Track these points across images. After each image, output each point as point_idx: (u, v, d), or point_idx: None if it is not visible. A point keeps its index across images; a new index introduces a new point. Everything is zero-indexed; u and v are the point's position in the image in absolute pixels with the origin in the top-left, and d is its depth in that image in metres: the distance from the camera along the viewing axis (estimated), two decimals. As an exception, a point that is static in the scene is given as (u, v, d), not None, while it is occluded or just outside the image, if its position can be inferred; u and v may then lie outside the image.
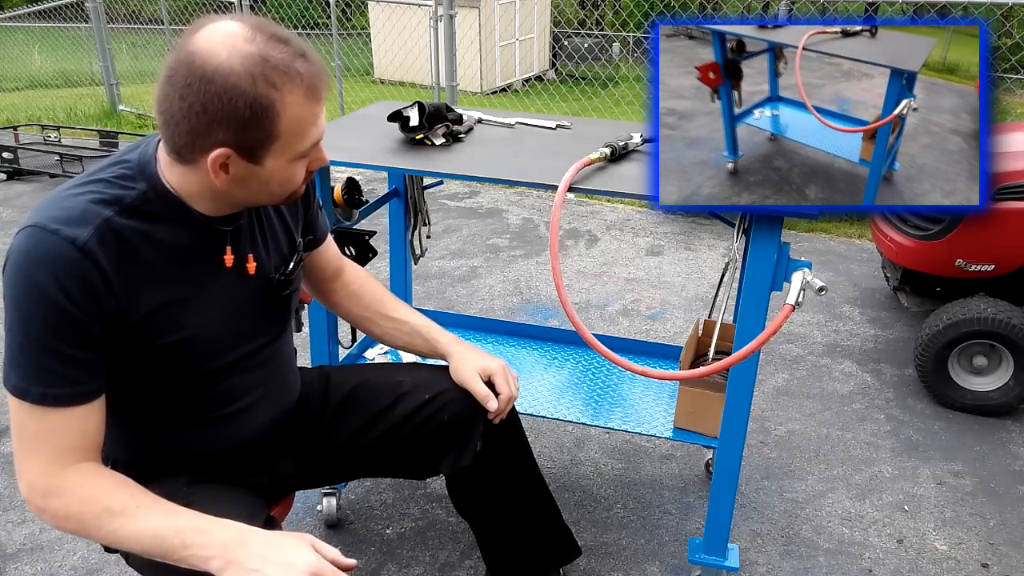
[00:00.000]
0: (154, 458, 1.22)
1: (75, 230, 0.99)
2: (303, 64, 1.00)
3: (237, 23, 0.99)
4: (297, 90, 1.00)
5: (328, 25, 8.04)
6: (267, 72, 0.97)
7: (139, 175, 1.06)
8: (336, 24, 6.86)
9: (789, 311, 1.30)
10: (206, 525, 1.03)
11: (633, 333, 3.12)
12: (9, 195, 4.74)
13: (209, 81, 0.95)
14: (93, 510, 1.03)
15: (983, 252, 2.52)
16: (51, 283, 0.97)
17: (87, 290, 0.99)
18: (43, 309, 0.98)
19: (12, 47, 11.26)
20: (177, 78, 0.97)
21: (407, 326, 1.49)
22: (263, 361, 1.27)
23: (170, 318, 1.09)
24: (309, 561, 1.01)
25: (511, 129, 1.92)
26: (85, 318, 1.00)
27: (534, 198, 4.82)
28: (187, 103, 0.96)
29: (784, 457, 2.37)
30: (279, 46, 0.99)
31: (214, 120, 0.97)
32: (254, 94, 0.97)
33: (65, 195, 1.03)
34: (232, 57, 0.96)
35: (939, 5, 4.56)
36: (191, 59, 0.96)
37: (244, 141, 1.00)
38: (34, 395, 1.00)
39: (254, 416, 1.28)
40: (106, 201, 1.02)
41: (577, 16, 15.24)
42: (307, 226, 1.37)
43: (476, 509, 1.60)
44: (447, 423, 1.41)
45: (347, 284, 1.52)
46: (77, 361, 1.02)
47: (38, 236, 0.98)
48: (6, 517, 2.04)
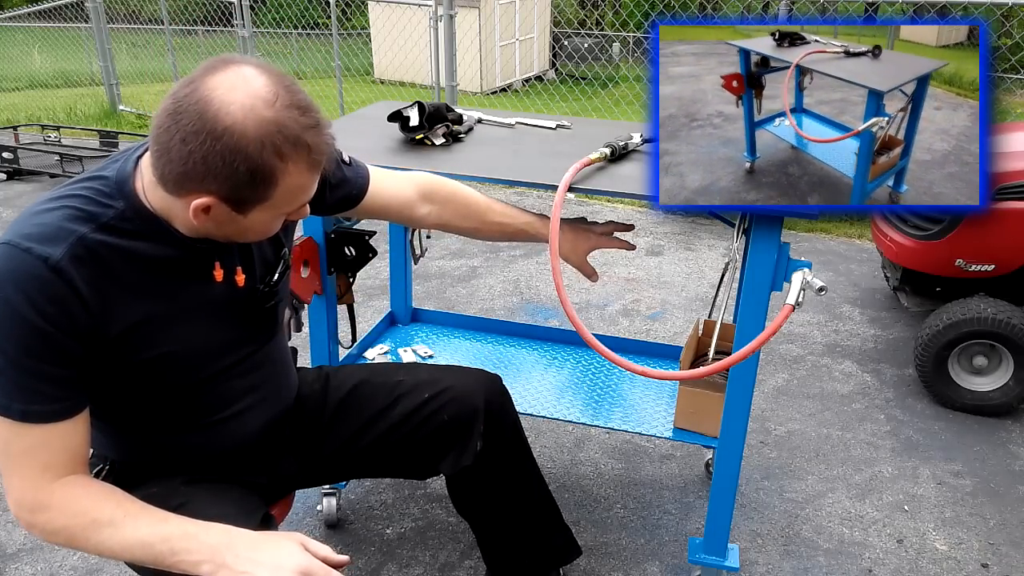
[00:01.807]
0: (150, 460, 1.22)
1: (48, 248, 0.96)
2: (314, 136, 0.98)
3: (263, 79, 0.96)
4: (302, 163, 0.98)
5: (328, 25, 8.05)
6: (277, 142, 0.95)
7: (117, 193, 1.03)
8: (336, 24, 6.86)
9: (789, 311, 1.30)
10: (193, 530, 1.03)
11: (633, 333, 3.12)
12: (9, 195, 4.74)
13: (217, 138, 0.93)
14: (81, 523, 1.02)
15: (983, 252, 2.52)
16: (23, 302, 0.95)
17: (61, 309, 0.97)
18: (17, 328, 0.96)
19: (12, 47, 11.27)
20: (184, 120, 0.93)
21: (510, 227, 1.55)
22: (253, 366, 1.26)
23: (151, 333, 1.08)
24: (298, 561, 1.01)
25: (511, 129, 1.92)
26: (60, 335, 0.98)
27: (534, 198, 4.83)
28: (188, 148, 0.93)
29: (784, 457, 2.37)
30: (295, 114, 0.96)
31: (210, 174, 0.95)
32: (259, 161, 0.95)
33: (39, 211, 1.01)
34: (247, 120, 0.93)
35: (939, 5, 4.55)
36: (204, 107, 0.93)
37: (234, 197, 0.99)
38: (15, 412, 0.99)
39: (247, 420, 1.28)
40: (81, 218, 1.00)
41: (577, 16, 15.24)
42: (336, 192, 1.36)
43: (476, 509, 1.60)
44: (447, 423, 1.41)
45: (434, 204, 1.51)
46: (55, 378, 1.00)
47: (10, 254, 0.96)
48: (6, 517, 2.04)
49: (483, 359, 2.13)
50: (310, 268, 1.72)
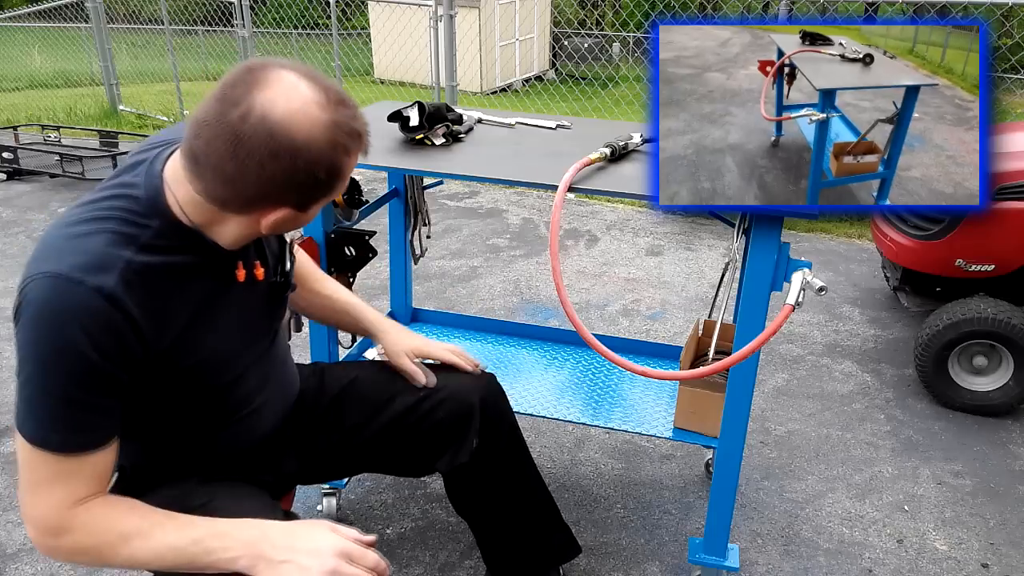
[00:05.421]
0: (165, 464, 1.22)
1: (100, 278, 0.95)
2: (361, 123, 1.01)
3: (305, 82, 0.96)
4: (359, 150, 1.02)
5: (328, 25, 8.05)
6: (343, 140, 0.98)
7: (151, 211, 1.02)
8: (336, 24, 6.88)
9: (789, 311, 1.30)
10: (224, 528, 1.04)
11: (633, 333, 3.12)
12: (9, 195, 4.74)
13: (297, 155, 0.94)
14: (108, 540, 1.02)
15: (983, 252, 2.52)
16: (81, 337, 0.94)
17: (117, 340, 0.97)
18: (71, 363, 0.95)
19: (12, 47, 11.28)
20: (255, 143, 0.93)
21: (337, 302, 1.52)
22: (265, 361, 1.27)
23: (192, 341, 1.08)
24: (334, 542, 1.03)
25: (511, 129, 1.92)
26: (112, 368, 0.98)
27: (534, 198, 4.82)
28: (268, 171, 0.94)
29: (784, 457, 2.37)
30: (343, 108, 0.98)
31: (292, 188, 0.98)
32: (334, 162, 0.98)
33: (75, 235, 0.98)
34: (315, 129, 0.95)
35: (939, 5, 4.55)
36: (272, 127, 0.93)
37: (307, 200, 1.02)
38: (54, 444, 0.98)
39: (264, 416, 1.29)
40: (122, 242, 0.99)
41: (577, 16, 15.25)
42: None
43: (474, 508, 1.61)
44: (443, 421, 1.42)
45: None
46: (100, 408, 1.00)
47: (63, 287, 0.94)
48: (6, 517, 2.04)
49: (483, 359, 2.12)
50: (310, 268, 1.72)
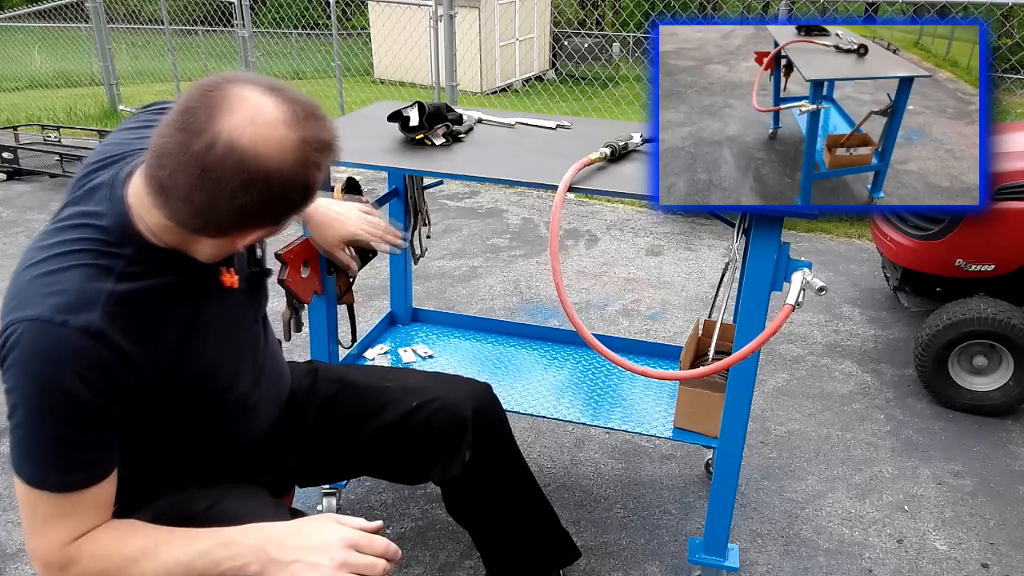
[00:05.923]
0: (163, 472, 1.22)
1: (83, 316, 0.93)
2: (329, 133, 0.97)
3: (270, 99, 0.91)
4: (329, 160, 0.98)
5: (328, 25, 8.05)
6: (312, 157, 0.94)
7: (122, 239, 0.99)
8: (336, 24, 6.87)
9: (789, 311, 1.30)
10: (229, 536, 1.03)
11: (633, 333, 3.12)
12: (9, 195, 4.74)
13: (269, 181, 0.91)
14: (115, 564, 1.01)
15: (983, 252, 2.52)
16: (72, 379, 0.92)
17: (108, 376, 0.96)
18: (63, 406, 0.94)
19: (12, 47, 11.28)
20: (225, 175, 0.89)
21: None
22: (255, 355, 1.27)
23: (186, 356, 1.08)
24: (341, 534, 1.02)
25: (511, 129, 1.92)
26: (105, 403, 0.97)
27: (534, 198, 4.82)
28: (240, 201, 0.91)
29: (784, 457, 2.37)
30: (311, 122, 0.94)
31: (267, 213, 0.96)
32: (306, 179, 0.95)
33: (48, 273, 0.95)
34: (285, 150, 0.91)
35: (939, 5, 4.55)
36: (241, 155, 0.89)
37: (283, 217, 1.00)
38: (52, 484, 0.97)
39: (260, 413, 1.29)
40: (99, 274, 0.97)
41: (577, 16, 15.25)
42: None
43: (471, 517, 1.61)
44: (435, 432, 1.42)
45: None
46: (96, 444, 0.99)
47: (47, 331, 0.92)
48: (6, 517, 2.04)
49: (483, 359, 2.13)
50: (310, 268, 1.72)
